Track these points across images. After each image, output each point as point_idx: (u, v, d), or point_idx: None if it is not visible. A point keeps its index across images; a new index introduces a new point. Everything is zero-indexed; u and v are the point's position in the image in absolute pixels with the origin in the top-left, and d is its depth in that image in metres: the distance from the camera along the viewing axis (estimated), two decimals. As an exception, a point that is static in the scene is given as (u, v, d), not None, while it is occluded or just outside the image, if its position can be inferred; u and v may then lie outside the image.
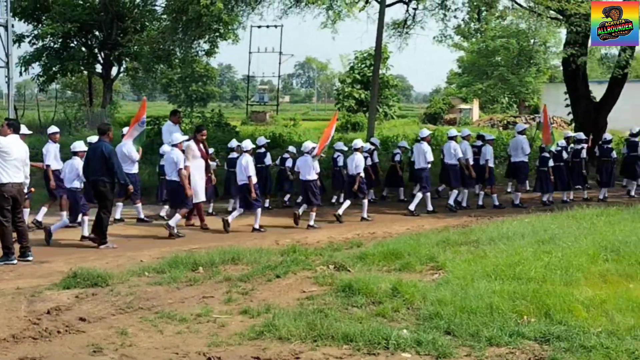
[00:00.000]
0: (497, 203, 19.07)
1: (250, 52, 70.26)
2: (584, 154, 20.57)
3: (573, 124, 28.81)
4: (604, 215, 14.79)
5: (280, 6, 25.80)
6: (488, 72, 63.97)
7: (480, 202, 19.22)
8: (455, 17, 25.77)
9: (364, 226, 15.99)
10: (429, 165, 18.37)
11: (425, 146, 18.32)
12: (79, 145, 14.79)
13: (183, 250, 12.54)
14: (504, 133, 35.36)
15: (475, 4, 24.24)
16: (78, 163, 14.39)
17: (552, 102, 51.09)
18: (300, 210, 16.60)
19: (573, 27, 21.71)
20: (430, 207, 18.25)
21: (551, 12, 22.85)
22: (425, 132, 19.41)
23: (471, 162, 18.71)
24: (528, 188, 20.81)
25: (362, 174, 17.30)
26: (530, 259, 10.25)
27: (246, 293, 9.42)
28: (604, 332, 7.31)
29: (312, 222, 16.25)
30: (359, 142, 17.94)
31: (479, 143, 19.99)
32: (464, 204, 19.05)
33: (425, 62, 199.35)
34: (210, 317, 8.28)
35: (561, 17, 23.11)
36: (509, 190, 21.13)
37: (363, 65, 58.23)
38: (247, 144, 16.20)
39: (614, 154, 21.04)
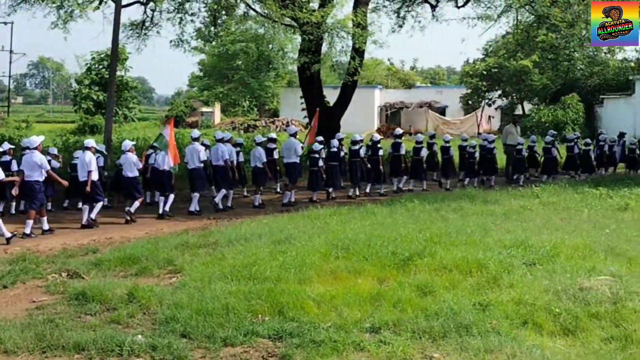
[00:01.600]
0: (257, 203, 19.55)
1: (-25, 50, 65.97)
2: (361, 153, 21.51)
3: (309, 128, 29.81)
4: (336, 214, 15.49)
5: (7, 2, 24.37)
6: (229, 76, 64.71)
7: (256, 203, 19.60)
8: (192, 21, 25.78)
9: (100, 231, 15.54)
10: (202, 165, 18.58)
11: (199, 146, 18.54)
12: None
13: None
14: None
15: (215, 7, 24.40)
16: None
17: (290, 106, 53.02)
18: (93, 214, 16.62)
19: (306, 36, 22.52)
20: (197, 207, 18.38)
21: (287, 19, 23.53)
22: (197, 132, 19.65)
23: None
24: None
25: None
26: (266, 259, 10.51)
27: (-33, 307, 8.84)
28: (333, 327, 7.67)
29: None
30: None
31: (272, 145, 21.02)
32: (229, 204, 19.19)
33: (166, 64, 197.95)
34: None
35: (296, 25, 23.89)
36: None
37: (101, 67, 56.69)
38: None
39: (381, 152, 22.26)
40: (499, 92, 52.31)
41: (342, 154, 21.46)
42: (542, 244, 11.30)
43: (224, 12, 25.36)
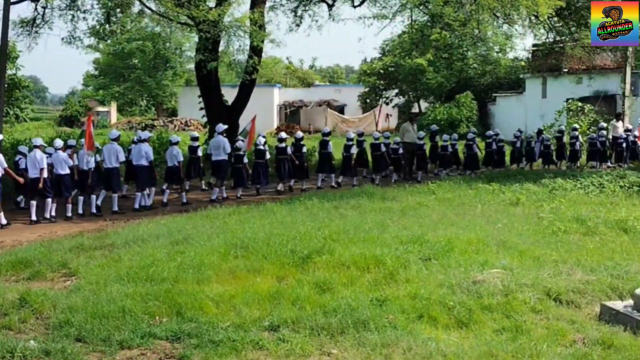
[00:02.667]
0: (184, 200, 19.78)
1: None
2: (289, 150, 22.07)
3: (208, 127, 29.59)
4: (235, 214, 15.43)
5: None
6: (125, 75, 63.53)
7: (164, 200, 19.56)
8: (84, 18, 25.18)
9: (-9, 235, 15.03)
10: (119, 165, 18.75)
11: (117, 146, 18.55)
12: None
13: None
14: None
15: (109, 4, 23.91)
16: None
17: (188, 105, 52.46)
18: None
19: (203, 34, 22.31)
20: (115, 207, 18.32)
21: (183, 17, 23.26)
22: (116, 132, 19.70)
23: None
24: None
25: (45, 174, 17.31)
26: (164, 260, 10.40)
27: None
28: (232, 326, 7.67)
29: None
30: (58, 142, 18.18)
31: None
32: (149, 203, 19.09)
33: (60, 62, 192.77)
34: None
35: (192, 24, 23.62)
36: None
37: (-9, 65, 54.75)
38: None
39: (305, 149, 22.73)
40: (396, 90, 53.10)
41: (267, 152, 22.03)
42: (438, 239, 11.56)
43: (118, 10, 24.87)
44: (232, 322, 7.79)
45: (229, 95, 30.30)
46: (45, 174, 16.85)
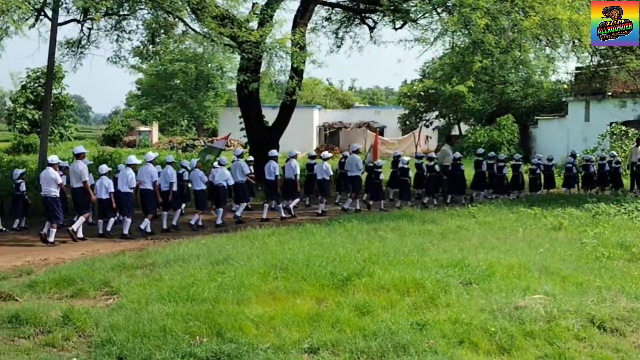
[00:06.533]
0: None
1: None
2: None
3: (248, 147, 29.76)
4: (275, 234, 15.44)
5: None
6: (167, 95, 64.26)
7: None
8: (129, 39, 25.53)
9: (35, 252, 15.20)
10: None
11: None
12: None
13: None
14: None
15: (153, 26, 24.20)
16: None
17: (229, 126, 52.75)
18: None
19: (245, 54, 22.50)
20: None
21: (226, 38, 23.47)
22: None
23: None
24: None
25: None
26: (204, 280, 10.44)
27: None
28: (272, 348, 7.67)
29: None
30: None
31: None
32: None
33: (104, 82, 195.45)
34: None
35: (235, 44, 23.83)
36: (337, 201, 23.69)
37: (36, 84, 55.59)
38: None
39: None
40: (436, 113, 52.90)
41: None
42: (478, 264, 11.45)
43: (162, 31, 25.16)
44: (272, 344, 7.79)
45: (270, 115, 30.49)
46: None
